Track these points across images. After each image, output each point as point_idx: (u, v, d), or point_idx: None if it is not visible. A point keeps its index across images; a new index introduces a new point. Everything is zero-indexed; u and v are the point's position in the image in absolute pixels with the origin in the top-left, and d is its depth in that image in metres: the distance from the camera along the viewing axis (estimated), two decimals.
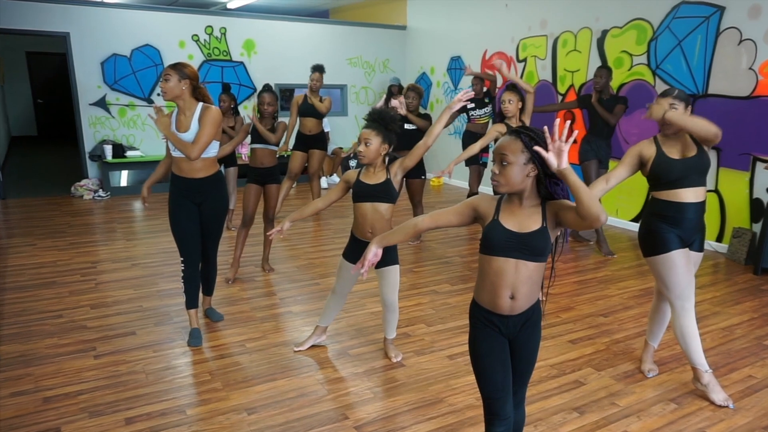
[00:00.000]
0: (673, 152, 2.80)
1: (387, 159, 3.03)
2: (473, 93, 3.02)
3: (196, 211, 3.44)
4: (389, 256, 3.07)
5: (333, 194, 3.08)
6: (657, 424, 2.71)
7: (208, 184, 3.41)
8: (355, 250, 3.12)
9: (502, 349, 1.95)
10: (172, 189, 3.43)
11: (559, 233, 1.91)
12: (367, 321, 3.86)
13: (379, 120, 2.93)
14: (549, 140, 1.73)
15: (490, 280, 1.90)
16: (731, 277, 4.86)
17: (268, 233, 3.36)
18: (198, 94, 3.33)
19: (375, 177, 3.00)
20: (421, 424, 2.68)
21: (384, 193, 2.99)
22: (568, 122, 1.73)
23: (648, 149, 2.85)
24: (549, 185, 1.80)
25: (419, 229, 2.04)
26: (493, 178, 1.84)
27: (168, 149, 3.42)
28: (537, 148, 1.73)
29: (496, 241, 1.85)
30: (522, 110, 4.52)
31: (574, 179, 1.71)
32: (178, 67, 3.25)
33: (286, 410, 2.79)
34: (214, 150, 3.39)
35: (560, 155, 1.71)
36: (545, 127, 1.77)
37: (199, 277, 3.56)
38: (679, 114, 2.74)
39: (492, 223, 1.87)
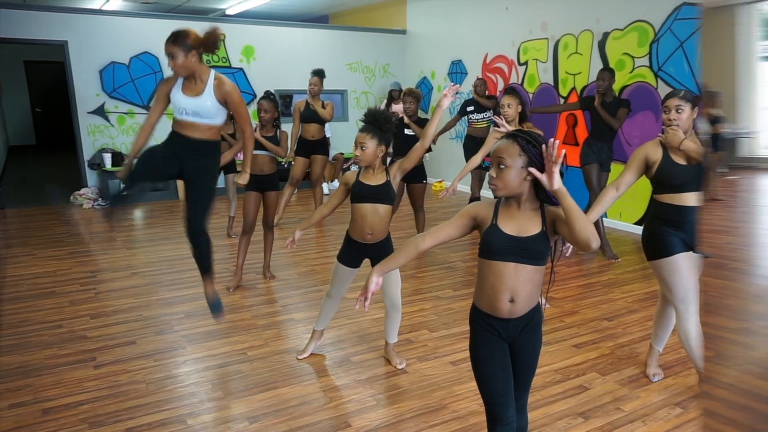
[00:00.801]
0: (680, 157, 2.78)
1: (388, 160, 3.03)
2: (459, 86, 3.03)
3: (176, 160, 3.17)
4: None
5: (335, 199, 3.09)
6: (662, 428, 2.68)
7: (201, 146, 3.19)
8: (350, 252, 3.12)
9: (503, 354, 1.93)
10: (167, 139, 3.23)
11: (557, 237, 1.89)
12: (369, 328, 3.83)
13: (373, 121, 2.93)
14: (545, 157, 1.73)
15: (489, 284, 1.88)
16: None
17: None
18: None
19: (375, 178, 2.99)
20: None
21: (384, 194, 2.99)
22: (557, 142, 1.72)
23: (654, 152, 2.83)
24: (546, 189, 1.79)
25: (421, 249, 1.98)
26: (491, 181, 1.84)
27: (157, 112, 3.25)
28: (532, 169, 1.75)
29: (495, 245, 1.84)
30: (522, 115, 4.45)
31: (569, 202, 1.72)
32: (180, 41, 3.04)
33: (288, 418, 2.76)
34: (221, 119, 3.22)
35: (551, 177, 1.71)
36: (543, 146, 1.76)
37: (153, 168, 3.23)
38: (695, 146, 2.74)
39: (490, 227, 1.86)
